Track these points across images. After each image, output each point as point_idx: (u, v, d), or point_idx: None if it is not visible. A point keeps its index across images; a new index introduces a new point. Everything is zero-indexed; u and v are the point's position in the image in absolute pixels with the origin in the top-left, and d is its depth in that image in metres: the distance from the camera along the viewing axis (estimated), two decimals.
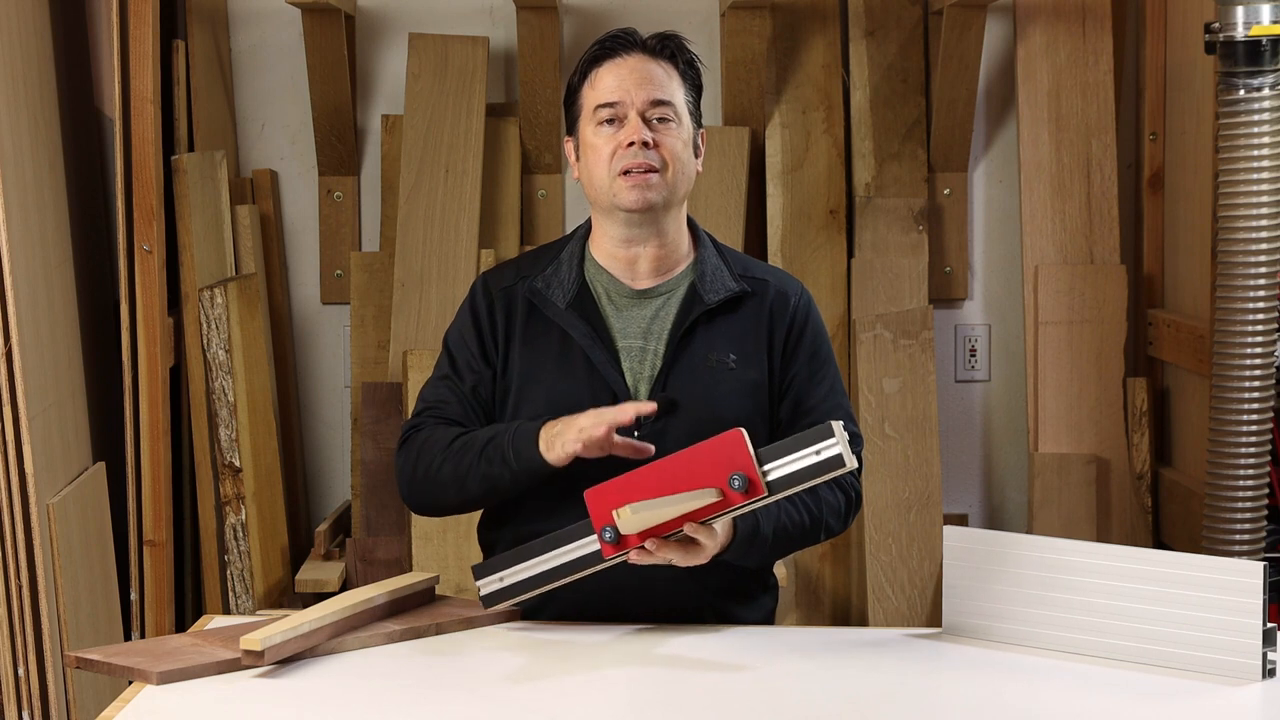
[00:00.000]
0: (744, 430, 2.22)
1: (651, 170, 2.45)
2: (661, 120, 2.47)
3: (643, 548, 2.26)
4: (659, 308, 2.52)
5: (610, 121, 2.47)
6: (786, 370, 2.53)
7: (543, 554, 2.34)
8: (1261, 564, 2.16)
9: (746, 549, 2.37)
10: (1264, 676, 2.15)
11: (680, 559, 2.27)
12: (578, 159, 2.54)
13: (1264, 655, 2.15)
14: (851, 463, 2.20)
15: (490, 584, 2.39)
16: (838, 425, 2.21)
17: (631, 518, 2.17)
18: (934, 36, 3.92)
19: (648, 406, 2.37)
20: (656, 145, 2.45)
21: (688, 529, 2.25)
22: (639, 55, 2.49)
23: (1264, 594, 2.15)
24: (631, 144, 2.44)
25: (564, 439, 2.35)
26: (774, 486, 2.22)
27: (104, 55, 3.75)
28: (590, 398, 2.47)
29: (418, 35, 3.92)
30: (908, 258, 3.91)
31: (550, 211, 4.02)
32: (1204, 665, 2.18)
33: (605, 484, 2.25)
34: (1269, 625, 2.16)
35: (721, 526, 2.31)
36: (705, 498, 2.21)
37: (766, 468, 2.22)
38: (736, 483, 2.20)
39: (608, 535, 2.24)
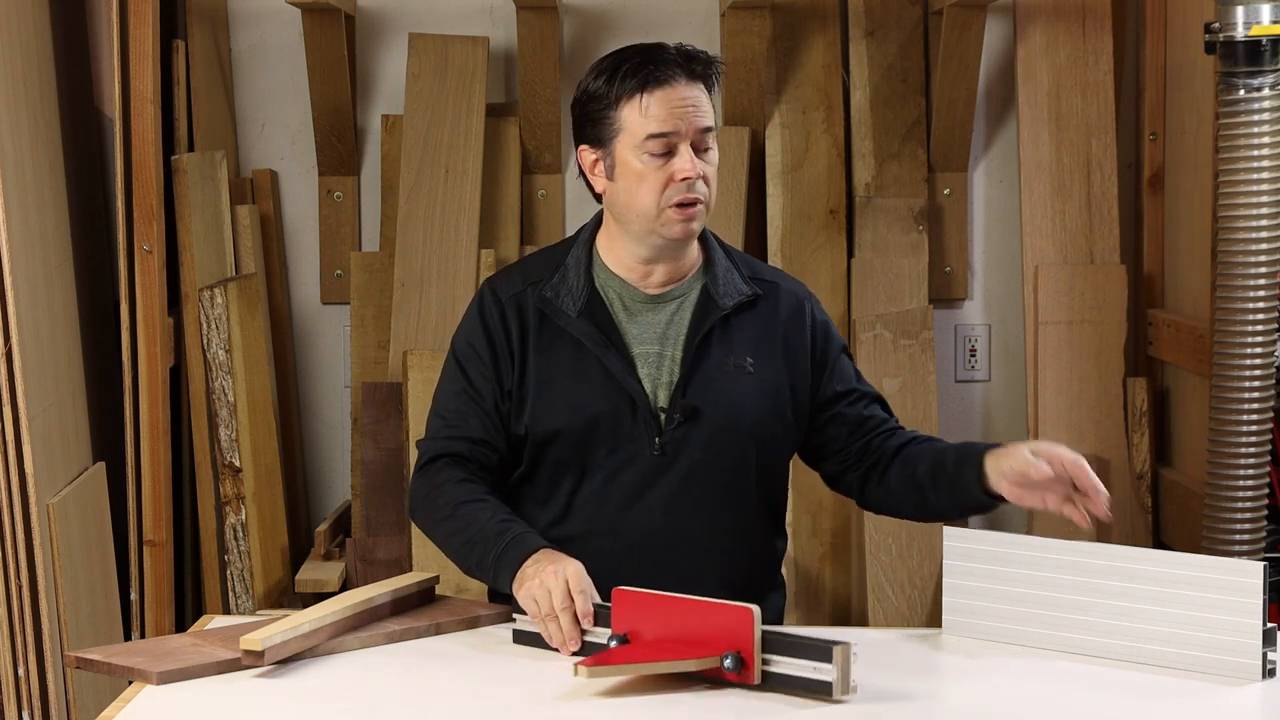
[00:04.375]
0: (757, 610, 2.11)
1: (699, 203, 2.43)
2: (705, 149, 2.44)
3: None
4: (673, 312, 2.51)
5: (663, 153, 2.42)
6: (820, 374, 2.56)
7: None
8: (1262, 564, 2.16)
9: None
10: (1264, 676, 2.15)
11: None
12: (609, 178, 2.47)
13: (1264, 655, 2.15)
14: (840, 692, 2.06)
15: (525, 623, 2.33)
16: (844, 650, 2.06)
17: (586, 675, 2.09)
18: (934, 36, 3.92)
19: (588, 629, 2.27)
20: (703, 176, 2.43)
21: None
22: (684, 81, 2.43)
23: (1264, 594, 2.15)
24: (685, 178, 2.42)
25: (529, 604, 2.29)
26: (766, 678, 2.11)
27: (104, 55, 3.75)
28: (610, 406, 2.46)
29: (418, 35, 3.92)
30: (908, 258, 3.91)
31: (550, 211, 4.02)
32: (1204, 665, 2.18)
33: (635, 594, 2.19)
34: (1269, 625, 2.16)
35: None
36: (683, 667, 2.12)
37: (768, 656, 2.11)
38: (728, 662, 2.11)
39: (613, 643, 2.19)
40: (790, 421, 2.55)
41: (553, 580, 2.26)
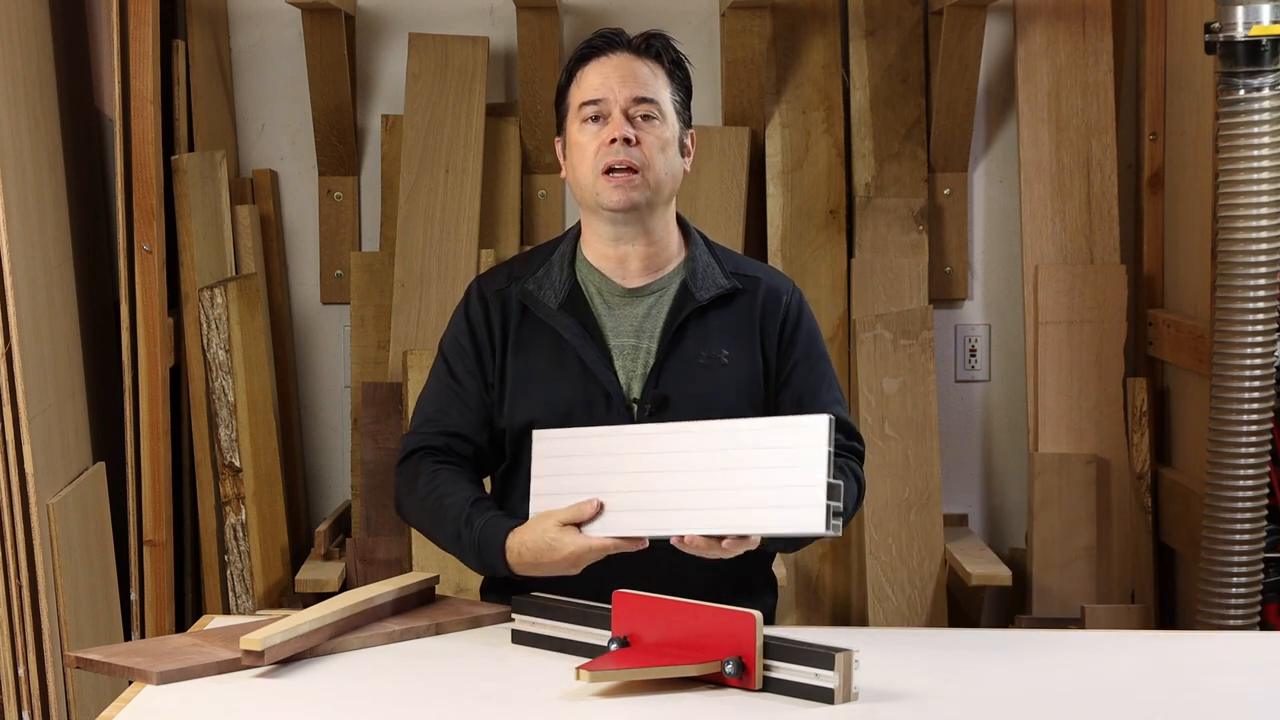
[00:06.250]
0: (759, 615, 2.11)
1: (633, 170, 2.46)
2: (645, 118, 2.48)
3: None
4: (651, 305, 2.53)
5: (595, 119, 2.48)
6: (784, 364, 2.54)
7: (572, 623, 2.29)
8: (827, 417, 2.20)
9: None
10: (828, 528, 2.18)
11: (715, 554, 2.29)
12: (565, 158, 2.56)
13: (828, 507, 2.18)
14: (841, 700, 2.07)
15: (524, 623, 2.35)
16: (846, 657, 2.07)
17: (587, 679, 2.10)
18: (934, 36, 3.92)
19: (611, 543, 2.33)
20: (639, 142, 2.46)
21: (728, 544, 2.25)
22: (624, 54, 2.51)
23: (828, 446, 2.19)
24: (614, 140, 2.45)
25: (545, 567, 2.35)
26: (766, 684, 2.11)
27: (104, 55, 3.75)
28: (584, 398, 2.48)
29: (418, 35, 3.92)
30: (908, 258, 3.91)
31: (550, 211, 4.02)
32: (776, 522, 2.21)
33: (636, 597, 2.20)
34: (834, 480, 2.20)
35: None
36: (684, 672, 2.13)
37: (769, 662, 2.11)
38: (730, 667, 2.11)
39: (613, 645, 2.20)
40: (767, 412, 2.55)
41: (559, 563, 2.34)
